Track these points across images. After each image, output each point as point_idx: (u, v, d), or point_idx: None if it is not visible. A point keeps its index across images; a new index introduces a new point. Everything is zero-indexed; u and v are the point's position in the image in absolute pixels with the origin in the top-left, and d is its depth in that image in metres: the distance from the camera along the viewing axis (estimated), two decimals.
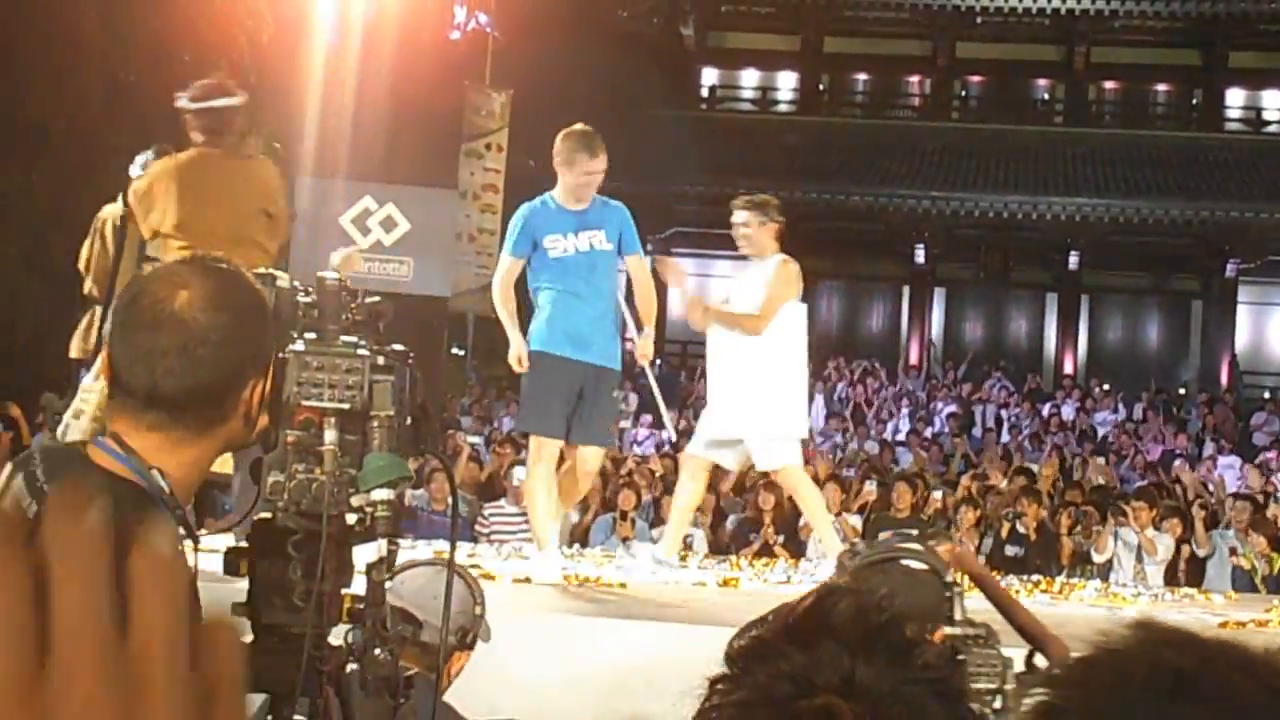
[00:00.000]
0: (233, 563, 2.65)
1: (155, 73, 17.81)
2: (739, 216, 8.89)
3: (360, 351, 2.61)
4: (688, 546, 12.06)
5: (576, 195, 8.03)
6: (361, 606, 2.61)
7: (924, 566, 3.60)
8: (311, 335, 2.64)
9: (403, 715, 2.71)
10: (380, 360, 2.62)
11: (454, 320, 24.42)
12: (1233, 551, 13.31)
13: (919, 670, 1.27)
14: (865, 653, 1.26)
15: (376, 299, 2.82)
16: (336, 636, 2.62)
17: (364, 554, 2.57)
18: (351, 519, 2.58)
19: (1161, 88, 36.65)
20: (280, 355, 2.56)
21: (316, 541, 2.51)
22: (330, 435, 2.54)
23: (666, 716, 1.36)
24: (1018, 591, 8.60)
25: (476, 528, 12.81)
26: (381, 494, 2.52)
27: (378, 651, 2.59)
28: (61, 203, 17.33)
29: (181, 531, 2.37)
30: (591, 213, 8.08)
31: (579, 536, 13.20)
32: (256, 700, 2.54)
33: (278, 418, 2.58)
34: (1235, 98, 35.75)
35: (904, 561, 3.62)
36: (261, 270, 2.66)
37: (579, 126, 8.17)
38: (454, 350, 26.31)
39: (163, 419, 2.40)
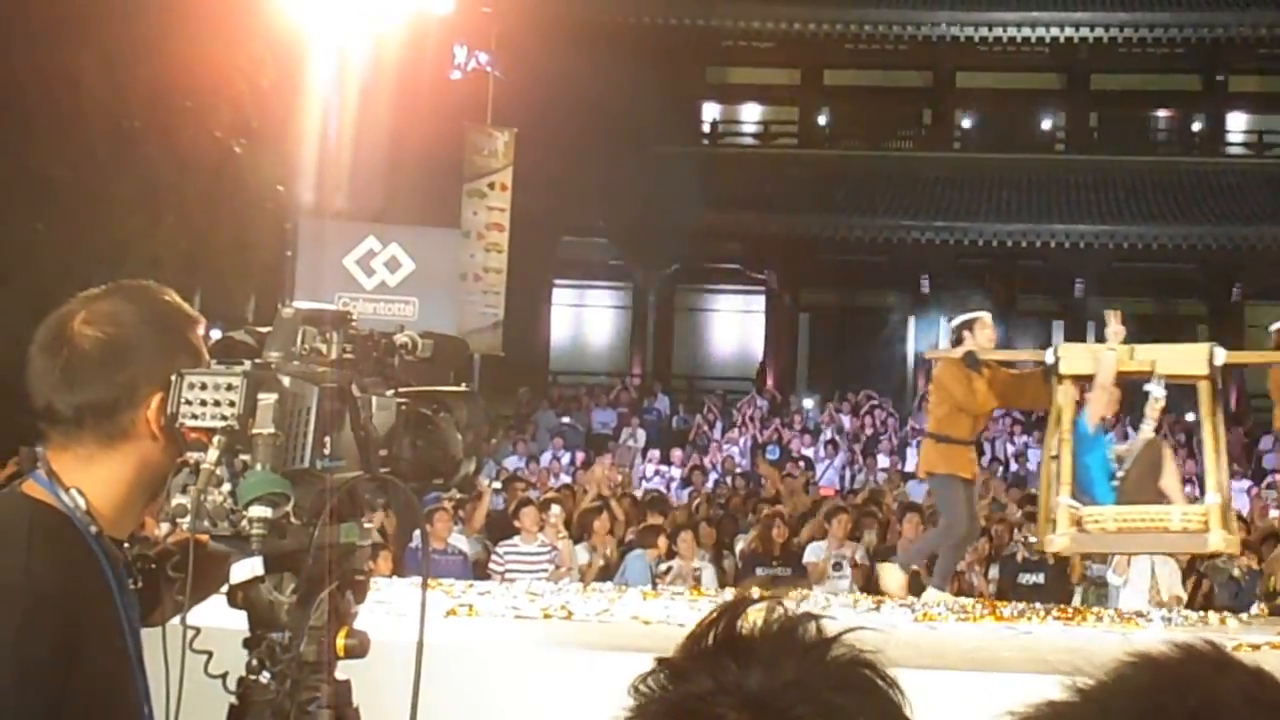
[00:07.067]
0: (231, 596, 2.61)
1: (157, 119, 17.81)
2: None
3: (237, 369, 2.55)
4: (697, 581, 11.99)
5: None
6: (255, 632, 2.57)
7: None
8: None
9: None
10: (275, 379, 2.55)
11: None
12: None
13: (824, 668, 1.26)
14: (767, 660, 1.25)
15: (409, 335, 2.78)
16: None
17: (240, 571, 2.51)
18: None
19: (1162, 113, 36.71)
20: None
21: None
22: (212, 454, 2.50)
23: None
24: (1029, 618, 8.57)
25: (490, 566, 12.70)
26: (258, 510, 2.44)
27: (267, 679, 2.54)
28: (69, 253, 17.31)
29: (95, 548, 2.40)
30: None
31: (599, 576, 12.84)
32: None
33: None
34: (1236, 122, 35.78)
35: None
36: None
37: None
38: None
39: (64, 436, 2.47)
